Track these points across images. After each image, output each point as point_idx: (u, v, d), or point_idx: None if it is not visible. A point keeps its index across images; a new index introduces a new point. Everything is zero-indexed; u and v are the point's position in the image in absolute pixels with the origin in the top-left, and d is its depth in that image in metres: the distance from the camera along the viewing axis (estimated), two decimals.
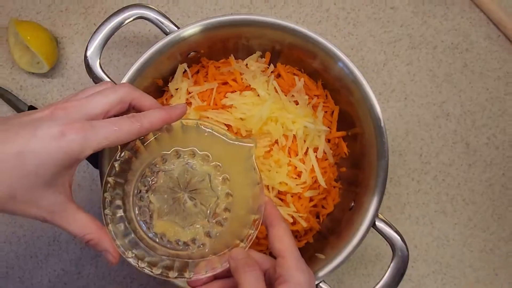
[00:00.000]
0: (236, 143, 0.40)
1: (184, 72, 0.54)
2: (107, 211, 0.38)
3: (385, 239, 0.49)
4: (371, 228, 0.49)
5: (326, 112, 0.56)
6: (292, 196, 0.52)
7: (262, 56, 0.56)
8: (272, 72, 0.56)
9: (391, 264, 0.47)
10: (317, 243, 0.55)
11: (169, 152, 0.40)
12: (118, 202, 0.39)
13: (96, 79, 0.49)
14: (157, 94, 0.56)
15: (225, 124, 0.52)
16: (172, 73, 0.54)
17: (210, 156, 0.40)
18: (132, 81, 0.50)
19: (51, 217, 0.35)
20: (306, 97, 0.55)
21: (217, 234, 0.39)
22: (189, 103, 0.53)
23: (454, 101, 0.63)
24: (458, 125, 0.63)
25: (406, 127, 0.63)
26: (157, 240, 0.39)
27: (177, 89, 0.54)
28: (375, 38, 0.64)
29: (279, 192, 0.52)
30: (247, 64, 0.56)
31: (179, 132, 0.40)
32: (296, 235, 0.55)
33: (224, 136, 0.40)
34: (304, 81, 0.56)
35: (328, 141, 0.56)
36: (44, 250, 0.59)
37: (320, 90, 0.57)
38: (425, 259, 0.61)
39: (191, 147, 0.40)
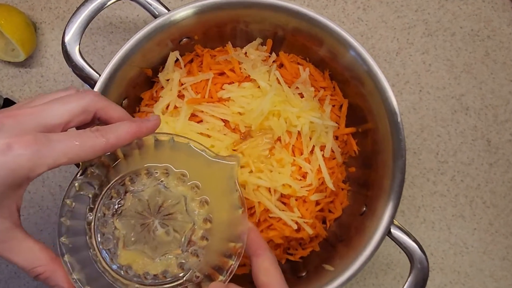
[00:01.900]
0: (217, 160, 0.37)
1: (176, 61, 0.52)
2: (63, 238, 0.34)
3: (402, 249, 0.45)
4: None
5: (333, 106, 0.54)
6: (296, 200, 0.49)
7: (263, 44, 0.54)
8: (274, 61, 0.54)
9: (409, 278, 0.44)
10: (323, 252, 0.52)
11: (140, 170, 0.36)
12: (77, 227, 0.35)
13: (76, 68, 0.46)
14: (146, 85, 0.53)
15: (222, 119, 0.49)
16: (163, 62, 0.52)
17: (187, 175, 0.36)
18: (117, 71, 0.46)
19: None
20: (312, 89, 0.53)
21: (192, 266, 0.35)
22: (181, 96, 0.51)
23: (474, 94, 0.60)
24: (478, 120, 0.60)
25: (421, 122, 0.60)
26: (122, 273, 0.35)
27: (168, 80, 0.52)
28: (387, 24, 0.61)
29: (282, 195, 0.49)
30: (246, 53, 0.54)
31: (151, 148, 0.37)
32: (300, 242, 0.52)
33: (203, 152, 0.37)
34: (310, 71, 0.54)
35: (336, 138, 0.54)
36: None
37: (327, 81, 0.54)
38: (442, 268, 0.58)
39: (164, 165, 0.36)
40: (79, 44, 0.45)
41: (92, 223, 0.35)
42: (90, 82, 0.45)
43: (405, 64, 0.61)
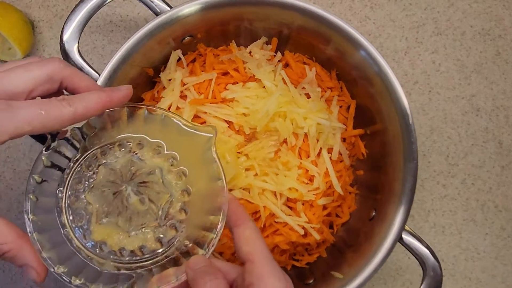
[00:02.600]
0: (193, 131, 0.35)
1: (178, 61, 0.51)
2: (31, 215, 0.32)
3: (414, 255, 0.44)
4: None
5: (341, 107, 0.53)
6: (303, 204, 0.49)
7: (267, 43, 0.53)
8: (279, 60, 0.53)
9: (422, 286, 0.42)
10: (331, 258, 0.51)
11: (113, 142, 0.35)
12: (47, 204, 0.33)
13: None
14: (147, 85, 0.52)
15: (226, 121, 0.48)
16: (164, 61, 0.51)
17: (164, 146, 0.35)
18: (117, 70, 0.45)
19: None
20: (319, 89, 0.52)
21: (171, 240, 0.34)
22: (184, 96, 0.50)
23: (485, 94, 0.59)
24: (489, 122, 0.59)
25: (430, 123, 0.59)
26: (97, 251, 0.33)
27: (170, 80, 0.51)
28: (395, 23, 0.60)
29: (288, 199, 0.49)
30: (250, 52, 0.53)
31: (124, 120, 0.35)
32: (306, 248, 0.51)
33: (179, 122, 0.35)
34: (316, 71, 0.53)
35: (343, 140, 0.53)
36: None
37: (335, 81, 0.53)
38: (453, 274, 0.57)
39: (139, 135, 0.35)
40: (78, 43, 0.44)
41: (63, 200, 0.33)
42: None
43: (414, 64, 0.60)
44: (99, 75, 0.44)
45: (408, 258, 0.56)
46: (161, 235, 0.34)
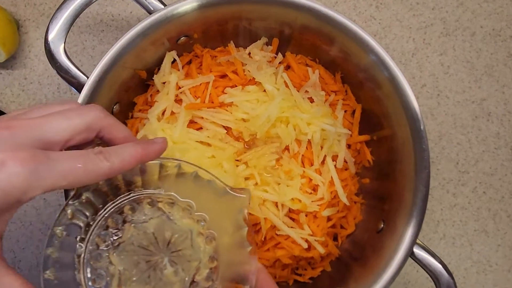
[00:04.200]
0: (227, 192, 0.35)
1: (173, 62, 0.50)
2: (48, 272, 0.30)
3: (426, 271, 0.42)
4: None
5: (345, 111, 0.51)
6: (306, 216, 0.47)
7: (268, 43, 0.52)
8: (280, 62, 0.52)
9: None
10: (335, 272, 0.50)
11: (141, 198, 0.33)
12: (66, 260, 0.31)
13: (61, 70, 0.43)
14: (139, 89, 0.51)
15: (224, 127, 0.47)
16: (158, 63, 0.49)
17: (194, 206, 0.34)
18: (107, 72, 0.43)
19: None
20: (323, 93, 0.51)
21: None
22: (179, 100, 0.49)
23: (496, 98, 0.58)
24: (501, 127, 0.58)
25: (439, 129, 0.58)
26: None
27: (164, 83, 0.49)
28: (402, 23, 0.59)
29: (291, 211, 0.47)
30: (250, 53, 0.52)
31: (155, 175, 0.34)
32: (310, 261, 0.50)
33: (212, 182, 0.35)
34: (320, 74, 0.51)
35: (348, 146, 0.51)
36: None
37: (339, 84, 0.52)
38: None
39: (170, 193, 0.34)
40: (65, 43, 0.42)
41: (82, 256, 0.31)
42: (76, 85, 0.42)
43: (421, 66, 0.58)
44: (88, 77, 0.42)
45: (417, 271, 0.55)
46: None
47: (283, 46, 0.52)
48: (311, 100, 0.49)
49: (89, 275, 0.31)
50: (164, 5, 0.44)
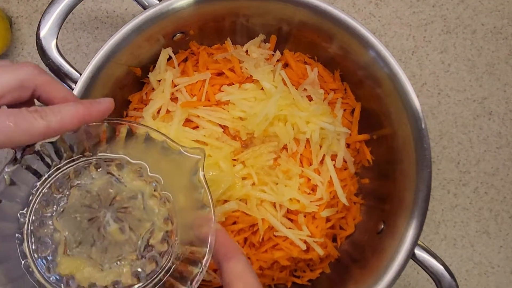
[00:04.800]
0: (180, 152, 0.33)
1: (168, 59, 0.49)
2: None
3: (428, 273, 0.42)
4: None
5: (345, 110, 0.51)
6: (305, 216, 0.47)
7: (265, 41, 0.52)
8: (278, 60, 0.52)
9: None
10: (335, 274, 0.49)
11: (89, 163, 0.32)
12: (7, 230, 0.30)
13: (53, 66, 0.42)
14: (134, 86, 0.50)
15: (221, 125, 0.46)
16: (154, 60, 0.49)
17: (146, 168, 0.32)
18: (101, 69, 0.43)
19: None
20: (322, 91, 0.50)
21: (150, 275, 0.31)
22: (175, 99, 0.48)
23: (497, 97, 0.58)
24: (503, 126, 0.57)
25: (440, 128, 0.57)
26: (62, 286, 0.30)
27: (159, 80, 0.49)
28: (402, 20, 0.58)
29: (289, 211, 0.47)
30: (247, 50, 0.51)
31: (102, 137, 0.33)
32: (308, 263, 0.49)
33: (164, 143, 0.33)
34: (318, 71, 0.51)
35: (347, 146, 0.51)
36: None
37: (338, 82, 0.51)
38: None
39: (119, 155, 0.32)
40: (57, 39, 0.41)
41: (25, 226, 0.30)
42: (69, 82, 0.41)
43: (421, 64, 0.58)
44: (81, 74, 0.41)
45: (418, 273, 0.54)
46: (139, 269, 0.31)
47: (281, 44, 0.51)
48: (310, 98, 0.48)
49: (33, 246, 0.30)
50: (160, 0, 0.43)
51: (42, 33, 0.40)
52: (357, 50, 0.45)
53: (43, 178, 0.31)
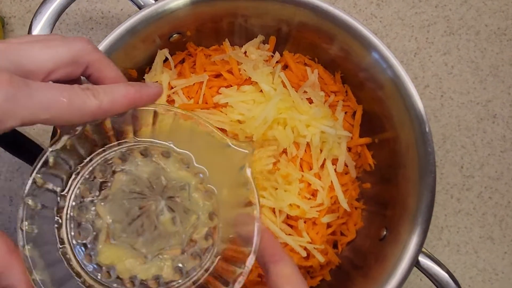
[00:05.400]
0: (228, 145, 0.32)
1: (165, 61, 0.49)
2: (26, 224, 0.28)
3: (432, 281, 0.41)
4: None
5: (346, 113, 0.50)
6: (305, 222, 0.46)
7: (264, 42, 0.51)
8: (277, 62, 0.51)
9: None
10: (336, 282, 0.48)
11: (133, 149, 0.31)
12: (47, 212, 0.29)
13: None
14: None
15: (218, 129, 0.45)
16: (150, 61, 0.49)
17: (192, 159, 0.31)
18: None
19: None
20: (322, 93, 0.50)
21: (192, 272, 0.30)
22: (171, 101, 0.48)
23: (502, 100, 0.57)
24: (507, 129, 0.57)
25: (443, 131, 0.56)
26: (100, 277, 0.29)
27: (156, 82, 0.47)
28: (404, 21, 0.58)
29: (289, 217, 0.46)
30: (246, 52, 0.51)
31: (148, 123, 0.31)
32: (308, 270, 0.48)
33: (212, 134, 0.32)
34: (319, 73, 0.51)
35: (348, 149, 0.50)
36: None
37: (339, 84, 0.51)
38: None
39: (165, 143, 0.31)
40: None
41: (65, 210, 0.29)
42: None
43: (424, 66, 0.57)
44: None
45: (420, 279, 0.53)
46: (180, 264, 0.29)
47: (280, 45, 0.51)
48: (310, 101, 0.48)
49: (72, 232, 0.29)
50: (155, 0, 0.43)
51: (34, 34, 0.39)
52: (359, 51, 0.44)
53: (85, 161, 0.30)
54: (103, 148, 0.30)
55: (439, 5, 0.58)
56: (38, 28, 0.39)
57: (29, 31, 0.39)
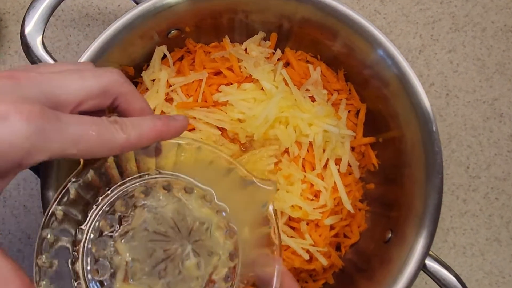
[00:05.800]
0: (251, 182, 0.31)
1: (163, 58, 0.48)
2: (42, 258, 0.27)
3: (440, 285, 0.40)
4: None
5: (349, 111, 0.50)
6: (307, 224, 0.45)
7: (266, 38, 0.51)
8: (279, 59, 0.51)
9: None
10: (339, 285, 0.47)
11: (154, 182, 0.30)
12: (65, 245, 0.28)
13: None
14: None
15: (218, 128, 0.46)
16: (147, 58, 0.48)
17: (214, 195, 0.31)
18: None
19: None
20: (325, 91, 0.49)
21: None
22: (170, 99, 0.48)
23: (509, 98, 0.56)
24: None
25: (448, 131, 0.56)
26: None
27: (153, 80, 0.48)
28: (408, 18, 0.57)
29: (291, 219, 0.46)
30: (246, 49, 0.50)
31: (171, 156, 0.31)
32: (311, 274, 0.47)
33: (235, 170, 0.31)
34: (321, 71, 0.50)
35: (352, 149, 0.49)
36: None
37: (342, 82, 0.50)
38: None
39: (188, 178, 0.31)
40: (43, 35, 0.39)
41: (82, 243, 0.28)
42: None
43: (429, 64, 0.56)
44: None
45: (426, 283, 0.53)
46: None
47: (282, 42, 0.50)
48: (313, 99, 0.48)
49: (88, 267, 0.28)
50: None
51: (27, 30, 0.39)
52: (363, 48, 0.43)
53: (106, 193, 0.29)
54: (123, 180, 0.30)
55: (444, 1, 0.57)
56: (32, 24, 0.39)
57: (22, 27, 0.38)
